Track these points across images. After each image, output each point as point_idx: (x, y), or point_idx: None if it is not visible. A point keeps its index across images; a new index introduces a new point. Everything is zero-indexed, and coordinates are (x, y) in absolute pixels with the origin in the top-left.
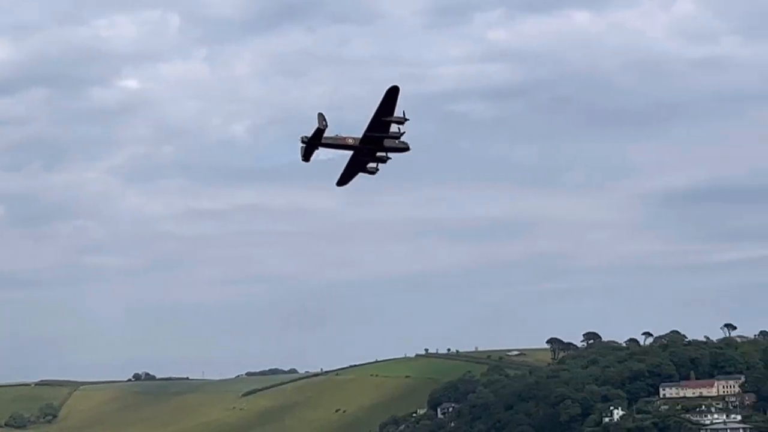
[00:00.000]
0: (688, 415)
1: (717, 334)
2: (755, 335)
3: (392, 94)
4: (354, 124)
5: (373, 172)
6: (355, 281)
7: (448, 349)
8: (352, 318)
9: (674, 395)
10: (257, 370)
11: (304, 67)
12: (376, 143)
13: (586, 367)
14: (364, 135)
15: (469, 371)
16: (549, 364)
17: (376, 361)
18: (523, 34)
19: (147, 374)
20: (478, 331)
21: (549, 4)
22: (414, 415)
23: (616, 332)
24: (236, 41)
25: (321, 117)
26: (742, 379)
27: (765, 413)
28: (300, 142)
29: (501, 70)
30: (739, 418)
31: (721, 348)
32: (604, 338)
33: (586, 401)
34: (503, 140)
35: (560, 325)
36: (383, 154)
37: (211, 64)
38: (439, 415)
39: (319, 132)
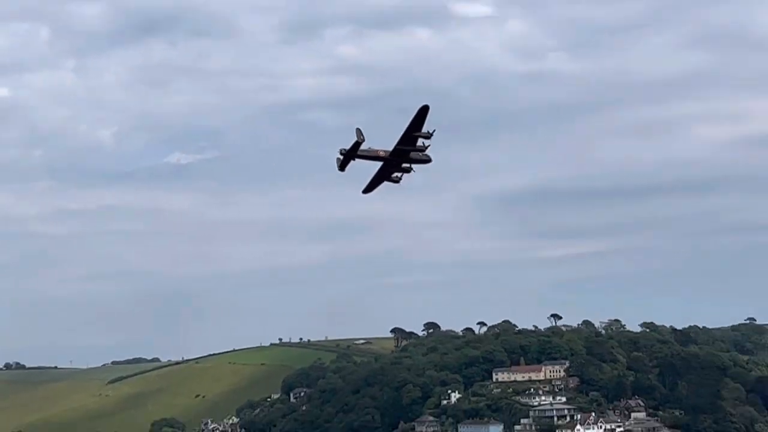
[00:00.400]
0: (518, 397)
1: (544, 324)
2: (578, 324)
3: (423, 112)
4: (212, 130)
5: (397, 181)
6: (214, 276)
7: (301, 339)
8: (211, 310)
9: (506, 379)
10: (122, 359)
11: (166, 77)
12: (404, 156)
13: (426, 354)
14: (395, 148)
15: (320, 358)
16: (393, 351)
17: (234, 350)
18: (371, 49)
19: (18, 363)
20: (328, 321)
21: (395, 22)
22: (268, 399)
23: (454, 322)
24: (103, 53)
25: (359, 132)
26: (567, 364)
27: (587, 395)
28: (338, 153)
29: (349, 82)
30: (564, 399)
31: (548, 336)
32: (443, 327)
33: (426, 385)
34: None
35: (403, 316)
36: (408, 165)
37: (78, 74)
38: (292, 399)
39: (357, 145)
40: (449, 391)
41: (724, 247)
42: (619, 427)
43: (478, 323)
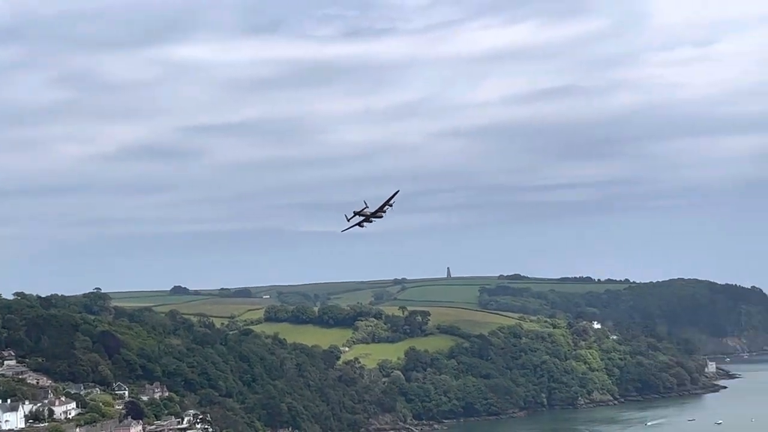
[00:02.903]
0: None
1: None
2: None
3: (395, 193)
4: None
5: (362, 226)
6: None
7: None
8: None
9: None
10: None
11: None
12: (376, 215)
13: None
14: (375, 210)
15: None
16: None
17: None
18: None
19: None
20: None
21: None
22: None
23: None
24: None
25: (365, 202)
26: None
27: None
28: (352, 212)
29: None
30: None
31: None
32: None
33: None
34: None
35: None
36: (373, 219)
37: None
38: None
39: (363, 209)
40: None
41: (72, 235)
42: None
43: None
